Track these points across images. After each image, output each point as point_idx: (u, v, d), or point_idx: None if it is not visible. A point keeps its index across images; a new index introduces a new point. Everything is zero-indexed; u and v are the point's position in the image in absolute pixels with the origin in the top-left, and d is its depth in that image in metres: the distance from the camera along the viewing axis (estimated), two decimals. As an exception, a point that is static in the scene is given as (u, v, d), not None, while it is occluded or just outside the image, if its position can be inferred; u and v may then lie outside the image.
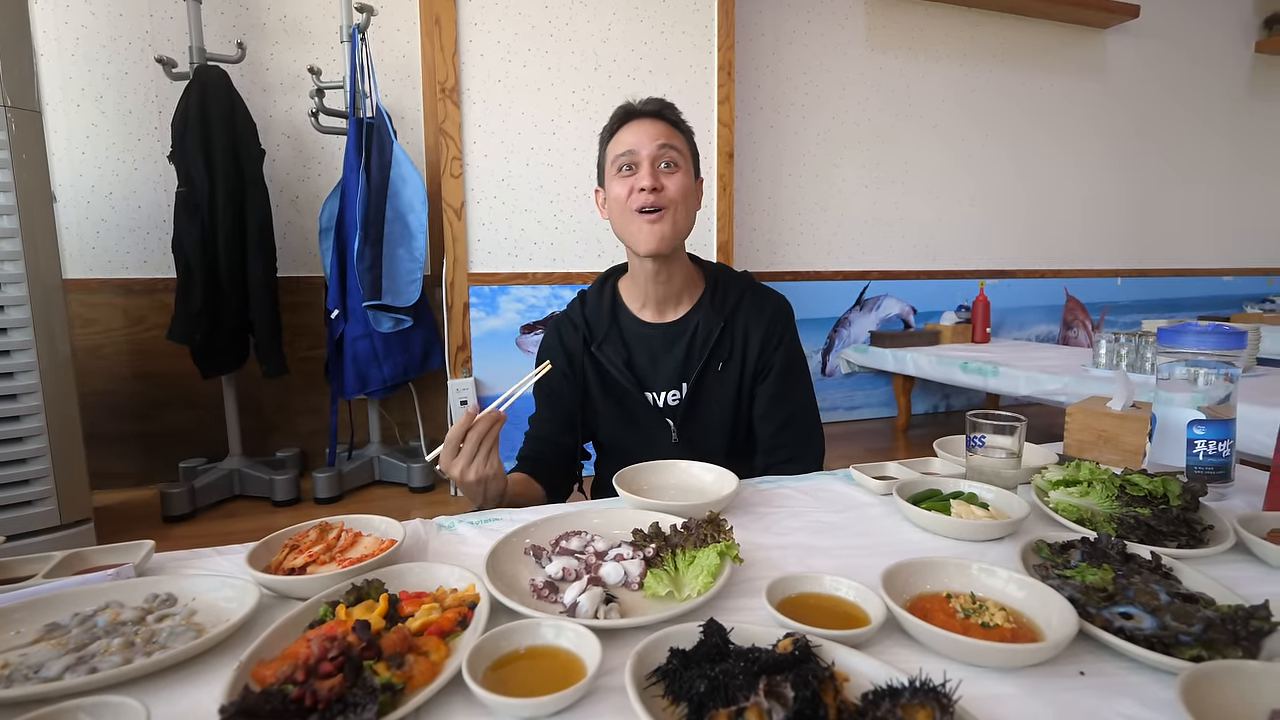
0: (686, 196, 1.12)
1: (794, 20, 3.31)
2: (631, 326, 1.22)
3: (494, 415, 0.95)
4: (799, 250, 3.47)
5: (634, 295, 1.23)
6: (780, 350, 1.21)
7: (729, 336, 1.20)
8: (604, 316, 1.23)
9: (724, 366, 1.20)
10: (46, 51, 2.38)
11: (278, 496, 2.40)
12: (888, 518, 0.86)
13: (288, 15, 2.65)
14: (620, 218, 1.14)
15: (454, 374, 2.54)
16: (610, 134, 1.16)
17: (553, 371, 1.23)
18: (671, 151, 1.11)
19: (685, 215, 1.13)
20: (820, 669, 0.46)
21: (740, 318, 1.21)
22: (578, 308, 1.26)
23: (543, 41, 2.52)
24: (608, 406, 1.23)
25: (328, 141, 2.69)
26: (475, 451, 0.94)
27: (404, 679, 0.48)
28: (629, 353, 1.22)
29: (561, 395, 1.24)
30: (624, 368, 1.20)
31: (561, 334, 1.25)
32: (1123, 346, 2.38)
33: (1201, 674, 0.46)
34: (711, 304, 1.20)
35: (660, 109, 1.14)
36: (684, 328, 1.21)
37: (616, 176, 1.13)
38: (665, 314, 1.22)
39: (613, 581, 0.66)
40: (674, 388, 1.21)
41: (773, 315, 1.22)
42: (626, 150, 1.10)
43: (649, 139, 1.10)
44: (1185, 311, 4.45)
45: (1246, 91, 4.50)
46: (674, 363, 1.20)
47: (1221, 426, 0.90)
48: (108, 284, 2.53)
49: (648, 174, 1.09)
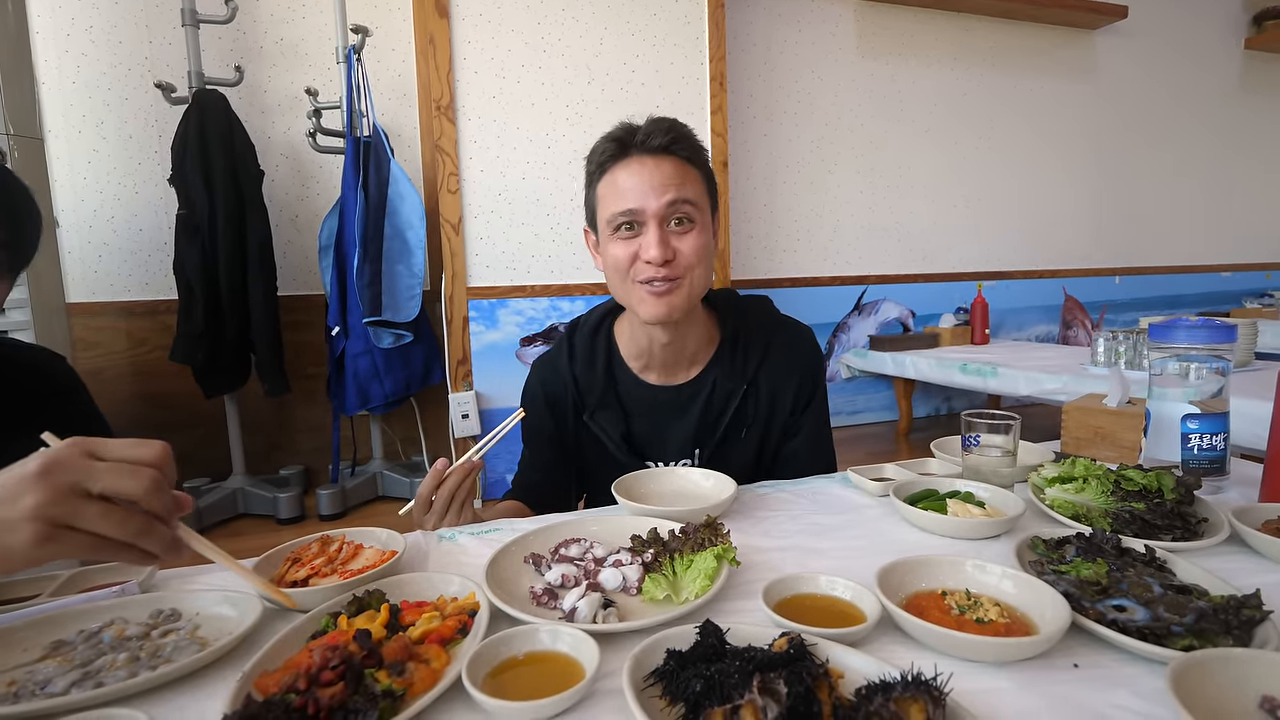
0: (704, 256, 0.93)
1: (784, 29, 3.34)
2: (632, 389, 1.05)
3: (465, 468, 0.87)
4: (795, 257, 3.48)
5: (635, 352, 1.05)
6: (810, 409, 1.06)
7: (753, 399, 1.04)
8: (598, 377, 1.05)
9: (746, 434, 1.05)
10: (48, 80, 2.41)
11: (282, 514, 2.41)
12: (885, 519, 0.87)
13: (284, 38, 2.68)
14: (619, 283, 0.96)
15: (455, 388, 2.55)
16: (601, 170, 0.96)
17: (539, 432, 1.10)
18: (685, 206, 0.91)
19: (703, 277, 0.95)
20: (814, 666, 0.46)
21: (765, 376, 1.04)
22: (565, 362, 1.07)
23: (535, 57, 2.55)
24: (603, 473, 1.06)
25: (326, 161, 2.72)
26: (446, 509, 0.86)
27: (405, 686, 0.49)
28: (628, 423, 1.05)
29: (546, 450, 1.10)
30: (621, 442, 1.04)
31: (546, 388, 1.08)
32: (1121, 344, 2.38)
33: (1191, 663, 0.47)
34: (730, 363, 1.04)
35: (669, 142, 0.92)
36: (698, 390, 1.04)
37: (614, 237, 0.94)
38: (674, 376, 1.05)
39: (611, 587, 0.67)
40: (685, 455, 1.07)
41: (803, 370, 1.05)
42: (627, 209, 0.91)
43: (656, 193, 0.90)
44: (1184, 308, 4.46)
45: (1238, 88, 4.53)
46: (685, 430, 1.05)
47: (1215, 420, 0.91)
48: (110, 307, 2.55)
49: (656, 241, 0.89)
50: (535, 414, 1.10)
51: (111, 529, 0.50)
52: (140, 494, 0.51)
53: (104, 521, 0.49)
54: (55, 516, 0.48)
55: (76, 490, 0.49)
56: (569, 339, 1.10)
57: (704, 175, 0.97)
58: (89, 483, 0.49)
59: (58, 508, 0.48)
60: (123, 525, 0.50)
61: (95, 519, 0.49)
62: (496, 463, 2.60)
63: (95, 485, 0.49)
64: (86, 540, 0.49)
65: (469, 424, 2.52)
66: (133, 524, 0.50)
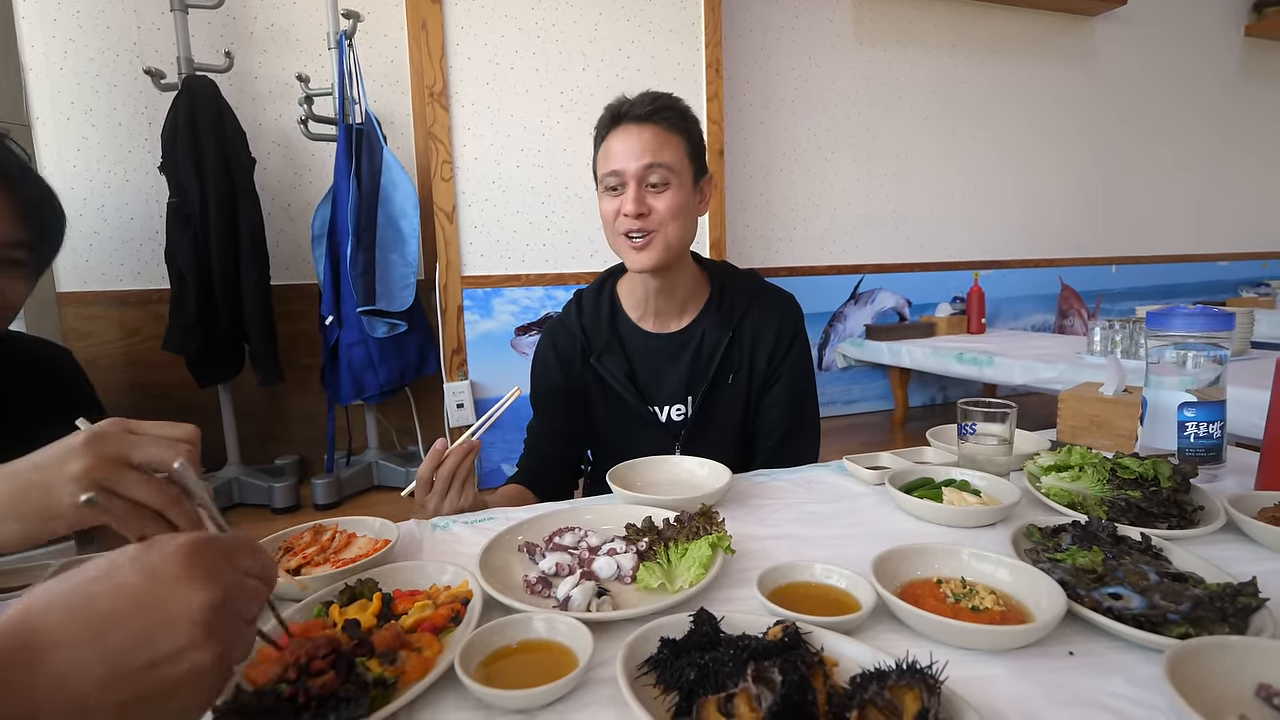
0: (679, 213, 1.05)
1: (781, 16, 3.31)
2: (633, 337, 1.16)
3: (465, 448, 0.90)
4: (792, 246, 3.47)
5: (634, 303, 1.17)
6: (789, 359, 1.15)
7: (737, 346, 1.14)
8: (603, 326, 1.16)
9: (733, 379, 1.14)
10: (35, 66, 2.37)
11: (277, 504, 2.40)
12: (880, 507, 0.87)
13: (275, 23, 2.65)
14: (610, 235, 1.10)
15: (450, 377, 2.54)
16: (600, 137, 1.10)
17: (549, 389, 1.18)
18: (659, 170, 1.03)
19: (679, 232, 1.06)
20: (809, 654, 0.46)
21: (748, 325, 1.14)
22: (574, 315, 1.19)
23: (530, 43, 2.53)
24: (608, 419, 1.18)
25: (318, 149, 2.69)
26: (447, 489, 0.90)
27: (397, 674, 0.48)
28: (631, 365, 1.15)
29: (558, 408, 1.19)
30: (627, 381, 1.14)
31: (557, 343, 1.19)
32: (1117, 333, 2.38)
33: (1188, 650, 0.47)
34: (718, 312, 1.14)
35: (652, 112, 1.05)
36: (688, 338, 1.15)
37: (605, 194, 1.08)
38: (668, 324, 1.16)
39: (605, 575, 0.67)
40: (679, 402, 1.15)
41: (782, 320, 1.15)
42: (611, 170, 1.05)
43: (635, 155, 1.03)
44: (1181, 297, 4.46)
45: (1238, 76, 4.51)
46: (679, 376, 1.14)
47: (1212, 408, 0.91)
48: (102, 296, 2.53)
49: (632, 198, 1.03)
50: (545, 371, 1.19)
51: (148, 496, 0.54)
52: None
53: (142, 489, 0.54)
54: (98, 479, 0.52)
55: (119, 459, 0.54)
56: (577, 298, 1.22)
57: (687, 141, 1.07)
58: (130, 453, 0.54)
59: (100, 472, 0.52)
60: (159, 495, 0.54)
61: (134, 485, 0.54)
62: (492, 451, 2.59)
63: (136, 455, 0.54)
64: (123, 506, 0.54)
65: (464, 413, 2.51)
66: (166, 495, 0.55)
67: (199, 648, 0.37)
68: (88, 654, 0.35)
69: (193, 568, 0.39)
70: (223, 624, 0.39)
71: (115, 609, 0.36)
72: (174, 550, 0.39)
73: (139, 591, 0.37)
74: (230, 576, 0.41)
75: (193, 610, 0.38)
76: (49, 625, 0.35)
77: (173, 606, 0.37)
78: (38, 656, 0.34)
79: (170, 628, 0.37)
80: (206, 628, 0.38)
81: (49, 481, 0.52)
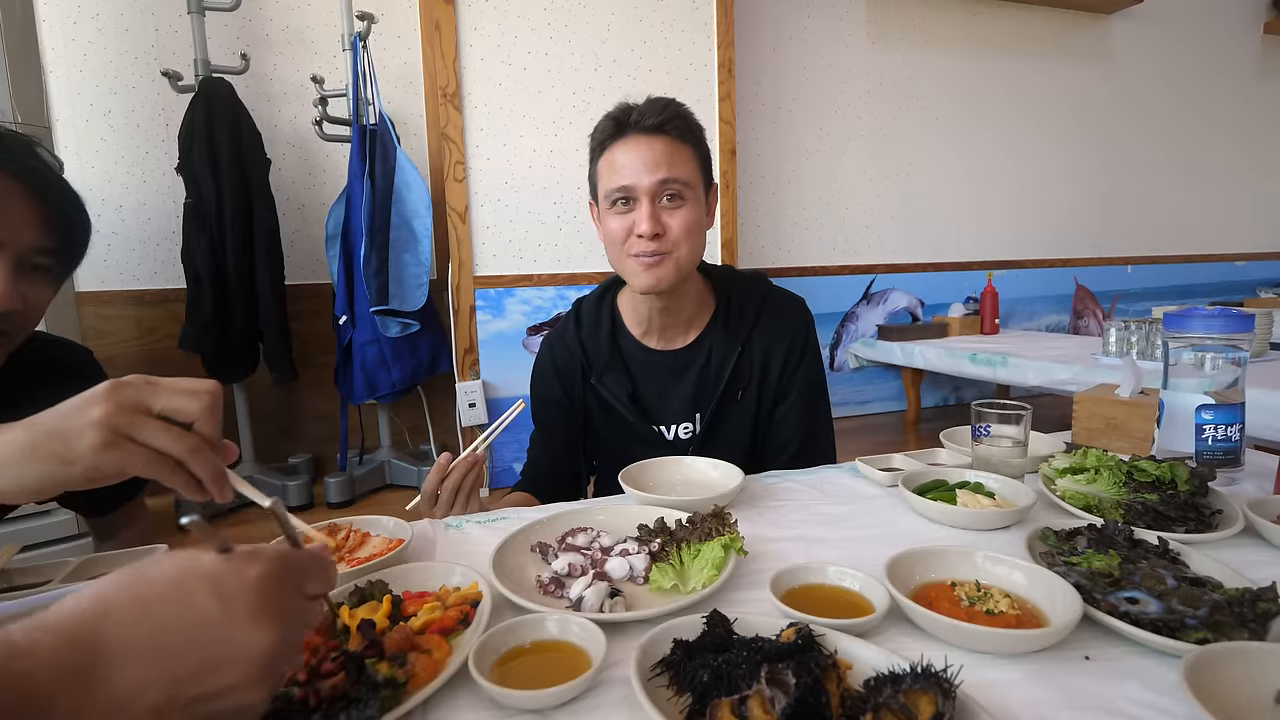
0: (693, 231, 0.99)
1: (794, 15, 3.30)
2: (636, 354, 1.11)
3: (469, 461, 0.90)
4: (804, 246, 3.46)
5: (637, 319, 1.11)
6: (800, 371, 1.10)
7: (746, 361, 1.08)
8: (603, 342, 1.10)
9: (742, 395, 1.09)
10: (55, 69, 2.41)
11: (290, 502, 2.43)
12: (893, 509, 0.86)
13: (290, 25, 2.67)
14: (615, 254, 1.02)
15: (462, 376, 2.55)
16: (601, 148, 1.01)
17: (549, 405, 1.14)
18: (675, 185, 0.97)
19: (691, 251, 1.00)
20: (823, 657, 0.46)
21: (758, 337, 1.09)
22: (572, 331, 1.13)
23: (542, 44, 2.53)
24: (612, 439, 1.13)
25: (332, 149, 2.71)
26: (452, 502, 0.89)
27: (407, 676, 0.48)
28: (634, 384, 1.10)
29: (558, 424, 1.14)
30: (629, 402, 1.09)
31: (555, 359, 1.14)
32: (1133, 334, 2.36)
33: (1206, 656, 0.46)
34: (725, 326, 1.09)
35: (662, 121, 0.97)
36: (695, 355, 1.09)
37: (611, 210, 1.00)
38: (673, 340, 1.10)
39: (618, 576, 0.67)
40: (686, 420, 1.10)
41: (793, 332, 1.10)
42: (621, 186, 0.97)
43: (648, 170, 0.96)
44: (1197, 298, 4.40)
45: (1256, 73, 4.44)
46: (685, 394, 1.09)
47: (1230, 411, 0.90)
48: (120, 296, 2.56)
49: (647, 216, 0.96)
50: (545, 387, 1.15)
51: (168, 443, 0.54)
52: (196, 414, 0.55)
53: (161, 436, 0.54)
54: (118, 425, 0.53)
55: (140, 406, 0.54)
56: (575, 311, 1.16)
57: (697, 153, 1.02)
58: (151, 401, 0.54)
59: (121, 418, 0.53)
60: (178, 441, 0.54)
61: (154, 433, 0.54)
62: (504, 451, 2.60)
63: (157, 404, 0.54)
64: (143, 453, 0.54)
65: (476, 413, 2.53)
66: (186, 441, 0.55)
67: (254, 687, 0.37)
68: (149, 677, 0.35)
69: (266, 605, 0.38)
70: (281, 662, 0.39)
71: (184, 637, 0.36)
72: (252, 582, 0.38)
73: (210, 622, 0.37)
74: (297, 611, 0.41)
75: (257, 652, 0.37)
76: (118, 641, 0.35)
77: (239, 645, 0.37)
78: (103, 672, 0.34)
79: (231, 664, 0.37)
80: (265, 670, 0.38)
81: (70, 428, 0.52)
